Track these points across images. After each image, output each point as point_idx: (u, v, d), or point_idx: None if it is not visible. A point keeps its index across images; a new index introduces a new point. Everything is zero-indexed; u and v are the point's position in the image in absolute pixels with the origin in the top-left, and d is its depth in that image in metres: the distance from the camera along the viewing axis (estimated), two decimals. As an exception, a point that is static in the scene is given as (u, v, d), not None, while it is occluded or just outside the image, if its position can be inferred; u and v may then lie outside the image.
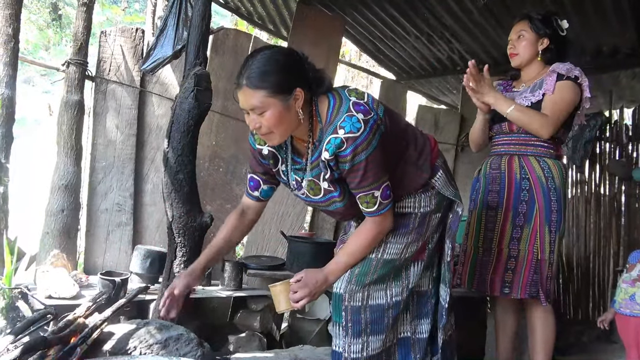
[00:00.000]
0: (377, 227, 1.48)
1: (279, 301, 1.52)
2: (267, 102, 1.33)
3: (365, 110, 1.36)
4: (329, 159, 1.36)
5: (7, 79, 2.56)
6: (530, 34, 2.12)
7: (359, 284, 1.51)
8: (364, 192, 1.41)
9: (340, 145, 1.34)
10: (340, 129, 1.33)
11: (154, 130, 3.20)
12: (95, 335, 1.83)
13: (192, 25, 2.24)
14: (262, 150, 1.51)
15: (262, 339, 2.57)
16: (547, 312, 2.12)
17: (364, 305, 1.51)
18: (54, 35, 10.22)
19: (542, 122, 2.01)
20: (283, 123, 1.36)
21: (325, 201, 1.49)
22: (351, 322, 1.51)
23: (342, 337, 1.51)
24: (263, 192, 1.61)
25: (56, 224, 2.73)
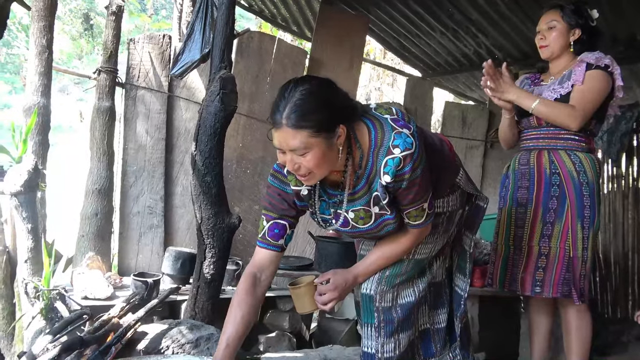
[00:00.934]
0: (418, 236, 1.46)
1: (303, 303, 1.46)
2: (309, 142, 1.22)
3: (406, 125, 1.30)
4: (390, 182, 1.29)
5: (42, 88, 2.65)
6: (562, 25, 2.05)
7: (389, 284, 1.50)
8: (415, 207, 1.37)
9: (399, 164, 1.26)
10: (395, 148, 1.26)
11: (182, 133, 3.25)
12: (129, 334, 1.88)
13: (216, 29, 2.27)
14: (301, 191, 1.39)
15: (291, 339, 2.59)
16: (582, 311, 2.05)
17: (394, 304, 1.51)
18: (86, 45, 10.54)
19: (570, 114, 1.95)
20: (325, 162, 1.26)
21: (376, 227, 1.41)
22: (384, 322, 1.50)
23: (375, 338, 1.50)
24: (288, 239, 1.46)
25: (91, 227, 2.82)
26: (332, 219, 1.44)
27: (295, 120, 1.22)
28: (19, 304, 2.58)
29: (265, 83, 3.47)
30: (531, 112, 2.00)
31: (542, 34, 2.10)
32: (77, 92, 9.56)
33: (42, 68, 2.64)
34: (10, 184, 2.36)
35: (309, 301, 1.45)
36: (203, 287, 2.19)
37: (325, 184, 1.41)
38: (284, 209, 1.43)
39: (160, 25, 8.90)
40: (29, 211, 2.40)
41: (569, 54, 2.08)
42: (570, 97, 1.99)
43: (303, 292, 1.46)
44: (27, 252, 2.42)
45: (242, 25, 7.88)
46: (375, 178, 1.32)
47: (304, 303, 1.46)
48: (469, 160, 4.05)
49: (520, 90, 2.03)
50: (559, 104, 1.98)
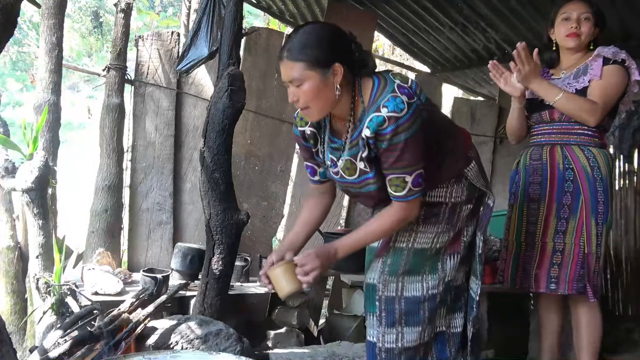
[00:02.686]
0: (401, 213, 1.44)
1: (284, 284, 1.39)
2: (305, 74, 1.34)
3: (410, 94, 1.35)
4: (369, 137, 1.36)
5: (53, 86, 2.67)
6: (592, 20, 2.01)
7: (392, 274, 1.51)
8: (395, 174, 1.39)
9: (382, 123, 1.33)
10: (384, 108, 1.33)
11: (190, 130, 3.27)
12: (139, 330, 1.90)
13: (224, 26, 2.28)
14: (305, 130, 1.52)
15: (299, 335, 2.59)
16: (593, 308, 2.03)
17: (399, 296, 1.51)
18: (95, 42, 10.61)
19: (591, 109, 1.92)
20: (320, 97, 1.37)
21: (359, 182, 1.47)
22: (385, 312, 1.51)
23: (376, 327, 1.52)
24: (322, 174, 1.59)
25: (100, 224, 2.84)
26: (331, 164, 1.51)
27: (293, 53, 1.35)
28: (30, 299, 2.61)
29: (273, 80, 3.47)
30: (552, 104, 1.96)
31: (576, 23, 2.01)
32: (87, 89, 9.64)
33: (52, 65, 2.67)
34: (21, 180, 2.38)
35: (291, 278, 1.39)
36: (212, 283, 2.21)
37: (331, 130, 1.50)
38: (303, 154, 1.61)
39: (169, 23, 8.93)
40: (40, 207, 2.43)
41: (584, 50, 2.05)
42: (587, 92, 1.96)
43: (282, 272, 1.39)
44: (38, 248, 2.44)
45: (250, 22, 7.89)
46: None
47: (285, 282, 1.39)
48: (478, 156, 4.02)
49: (544, 81, 1.99)
50: (581, 98, 1.95)
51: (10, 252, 2.77)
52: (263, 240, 3.42)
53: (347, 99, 1.40)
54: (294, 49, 1.35)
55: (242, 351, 1.94)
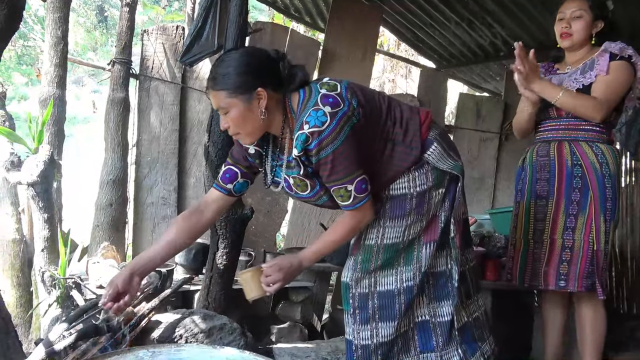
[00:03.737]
0: (352, 220, 1.45)
1: (250, 288, 1.48)
2: (228, 102, 1.37)
3: (334, 103, 1.34)
4: (299, 155, 1.36)
5: (58, 80, 2.68)
6: (589, 15, 1.99)
7: (363, 271, 1.50)
8: (336, 186, 1.38)
9: (306, 140, 1.32)
10: (306, 124, 1.32)
11: (195, 125, 3.27)
12: (143, 323, 1.91)
13: (229, 20, 2.27)
14: (249, 149, 1.52)
15: (303, 330, 2.60)
16: (597, 306, 2.02)
17: (372, 291, 1.50)
18: (100, 37, 10.62)
19: (594, 105, 1.91)
20: (247, 122, 1.39)
21: (313, 196, 1.47)
22: (358, 309, 1.50)
23: (351, 324, 1.52)
24: (237, 186, 1.55)
25: (105, 217, 2.85)
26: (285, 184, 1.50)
27: (216, 82, 1.38)
28: (35, 292, 2.63)
29: (278, 74, 3.46)
30: (554, 103, 1.95)
31: (567, 22, 2.02)
32: (92, 83, 9.66)
33: (57, 59, 2.67)
34: (27, 174, 2.39)
35: (256, 286, 1.47)
36: (216, 277, 2.21)
37: (280, 149, 1.49)
38: (238, 158, 1.55)
39: (173, 17, 8.92)
40: (45, 201, 2.44)
41: (588, 45, 2.03)
42: (592, 88, 1.95)
43: (250, 277, 1.48)
44: (43, 241, 2.45)
45: (254, 16, 7.86)
46: None
47: (251, 287, 1.48)
48: (483, 152, 4.00)
49: (544, 80, 1.97)
50: (583, 95, 1.94)
51: (16, 245, 2.79)
52: (267, 235, 3.43)
53: (279, 118, 1.42)
54: (216, 79, 1.38)
55: (245, 345, 1.95)
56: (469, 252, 1.63)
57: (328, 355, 2.13)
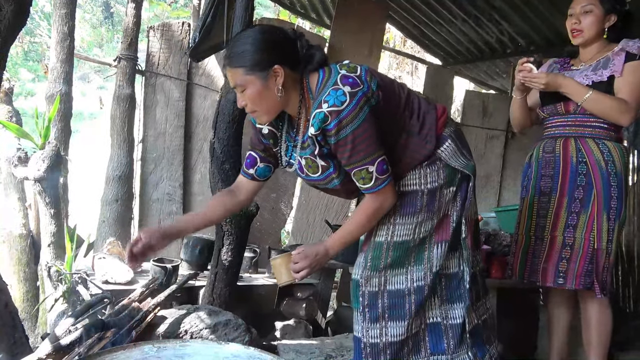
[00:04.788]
0: (375, 203, 1.43)
1: (280, 273, 1.51)
2: (245, 79, 1.36)
3: (353, 83, 1.33)
4: (316, 134, 1.34)
5: (64, 76, 2.69)
6: (599, 10, 1.95)
7: (373, 269, 1.49)
8: (357, 168, 1.37)
9: (325, 120, 1.31)
10: (325, 103, 1.31)
11: (201, 121, 3.27)
12: (148, 319, 1.91)
13: (235, 16, 2.27)
14: (262, 129, 1.51)
15: (307, 327, 2.60)
16: (603, 305, 2.01)
17: (382, 290, 1.49)
18: (106, 33, 10.65)
19: (622, 108, 1.87)
20: (263, 100, 1.38)
21: (323, 179, 1.46)
22: (368, 307, 1.49)
23: (361, 322, 1.51)
24: (259, 170, 1.57)
25: (111, 213, 2.87)
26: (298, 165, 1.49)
27: (232, 60, 1.38)
28: (42, 286, 2.65)
29: (284, 71, 3.46)
30: (581, 103, 1.92)
31: (577, 18, 1.98)
32: (97, 80, 9.69)
33: (64, 55, 2.68)
34: (33, 169, 2.40)
35: (286, 272, 1.50)
36: (221, 273, 2.22)
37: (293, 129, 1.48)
38: (255, 143, 1.57)
39: (179, 13, 8.93)
40: (52, 196, 2.45)
41: (602, 40, 2.00)
42: (615, 90, 1.91)
43: (279, 263, 1.51)
44: (50, 236, 2.47)
45: (260, 13, 7.86)
46: None
47: (281, 274, 1.51)
48: (489, 150, 3.99)
49: (571, 80, 1.94)
50: (611, 97, 1.89)
51: (23, 240, 2.81)
52: (272, 231, 3.43)
53: (296, 98, 1.41)
54: (233, 56, 1.37)
55: (250, 341, 1.95)
56: (478, 253, 1.62)
57: (332, 352, 2.14)
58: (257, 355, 1.41)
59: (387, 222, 1.49)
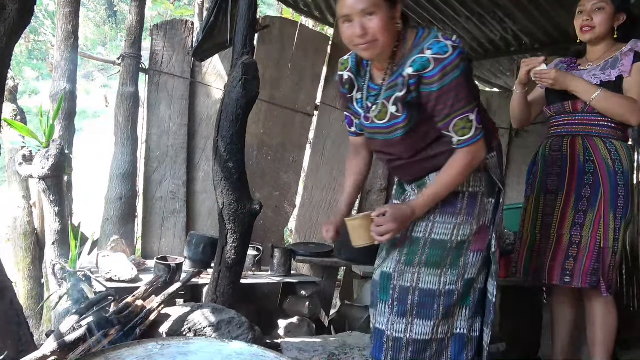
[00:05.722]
0: (468, 156, 1.44)
1: (358, 235, 1.47)
2: (377, 4, 1.36)
3: (454, 42, 1.38)
4: (412, 75, 1.38)
5: (68, 74, 2.69)
6: (611, 8, 1.94)
7: (407, 264, 1.51)
8: (459, 116, 1.39)
9: (427, 65, 1.35)
10: (428, 50, 1.36)
11: (204, 120, 3.27)
12: (152, 317, 1.92)
13: (239, 15, 2.26)
14: (343, 75, 1.57)
15: (311, 325, 2.60)
16: (608, 304, 2.01)
17: (414, 286, 1.50)
18: (110, 31, 10.67)
19: (633, 107, 1.87)
20: (387, 30, 1.39)
21: (388, 127, 1.48)
22: (397, 301, 1.50)
23: (387, 315, 1.51)
24: (358, 127, 1.65)
25: (115, 211, 2.87)
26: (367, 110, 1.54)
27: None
28: (46, 284, 2.66)
29: (287, 69, 3.46)
30: (589, 102, 1.92)
31: (588, 15, 1.97)
32: (101, 78, 9.71)
33: (68, 54, 2.68)
34: (38, 167, 2.41)
35: (365, 234, 1.46)
36: (224, 271, 2.22)
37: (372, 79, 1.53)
38: (342, 102, 1.68)
39: (183, 12, 8.93)
40: (56, 195, 2.46)
41: (610, 40, 1.99)
42: (624, 90, 1.90)
43: (358, 224, 1.47)
44: (54, 234, 2.48)
45: (263, 11, 7.85)
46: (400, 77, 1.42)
47: (360, 235, 1.47)
48: (493, 148, 3.97)
49: (579, 78, 1.94)
50: (620, 96, 1.89)
51: (27, 238, 2.82)
52: (275, 230, 3.44)
53: (392, 45, 1.44)
54: None
55: (254, 339, 1.95)
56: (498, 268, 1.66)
57: (336, 350, 2.14)
58: (260, 353, 1.41)
59: (427, 218, 1.51)
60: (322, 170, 3.55)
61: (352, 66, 1.56)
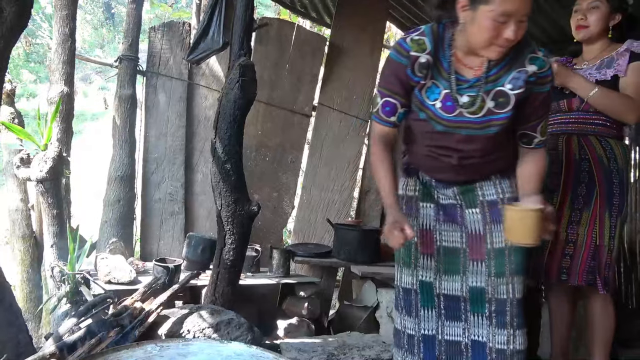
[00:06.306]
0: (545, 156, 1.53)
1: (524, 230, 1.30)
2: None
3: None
4: (534, 73, 1.39)
5: (66, 77, 2.70)
6: (605, 7, 1.95)
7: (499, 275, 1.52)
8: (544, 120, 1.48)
9: (543, 65, 1.39)
10: (539, 51, 1.40)
11: (202, 121, 3.28)
12: (151, 319, 1.92)
13: (236, 17, 2.27)
14: (420, 58, 1.41)
15: (310, 325, 2.61)
16: (606, 302, 2.01)
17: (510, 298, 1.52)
18: (107, 34, 10.67)
19: (629, 106, 1.87)
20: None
21: (481, 122, 1.42)
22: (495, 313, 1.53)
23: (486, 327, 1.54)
24: (400, 116, 1.49)
25: (113, 214, 2.87)
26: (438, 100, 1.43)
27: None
28: (45, 287, 2.66)
29: (285, 70, 3.46)
30: (587, 99, 1.93)
31: (583, 14, 1.98)
32: (99, 80, 9.71)
33: (65, 57, 2.68)
34: (36, 170, 2.41)
35: (533, 229, 1.30)
36: (223, 272, 2.22)
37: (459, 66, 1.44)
38: (391, 85, 1.47)
39: (180, 14, 8.94)
40: (54, 197, 2.46)
41: (605, 39, 1.99)
42: (620, 89, 1.91)
43: (528, 217, 1.29)
44: (52, 237, 2.48)
45: (260, 12, 7.86)
46: (508, 72, 1.40)
47: (527, 230, 1.30)
48: (491, 148, 3.98)
49: (579, 76, 1.95)
50: (618, 94, 1.90)
51: (26, 241, 2.82)
52: (273, 231, 3.44)
53: None
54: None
55: (253, 340, 1.96)
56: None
57: (335, 350, 2.14)
58: (259, 354, 1.41)
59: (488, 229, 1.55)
60: (321, 170, 3.55)
61: (431, 50, 1.42)
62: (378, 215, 3.75)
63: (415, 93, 1.45)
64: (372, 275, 2.80)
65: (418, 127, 1.52)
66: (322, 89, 3.62)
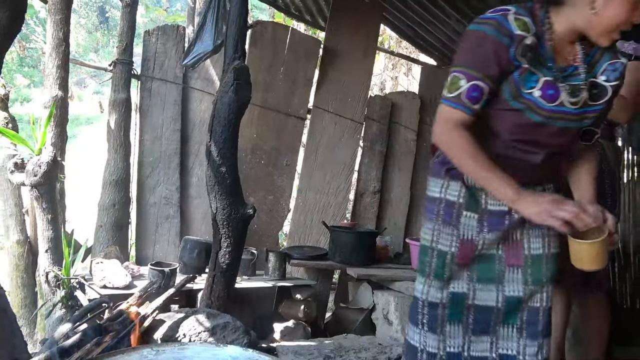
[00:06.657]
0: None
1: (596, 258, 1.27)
2: None
3: None
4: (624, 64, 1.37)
5: (60, 81, 2.69)
6: None
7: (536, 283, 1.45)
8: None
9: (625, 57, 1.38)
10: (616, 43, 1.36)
11: (197, 125, 3.28)
12: (147, 323, 1.92)
13: (230, 20, 2.27)
14: (526, 39, 1.25)
15: (306, 328, 2.61)
16: (601, 302, 2.03)
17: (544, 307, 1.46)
18: (102, 38, 10.65)
19: (622, 105, 1.88)
20: None
21: (578, 114, 1.31)
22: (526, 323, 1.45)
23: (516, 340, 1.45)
24: (483, 104, 1.29)
25: (108, 218, 2.87)
26: (535, 89, 1.27)
27: None
28: (40, 292, 2.65)
29: (279, 73, 3.47)
30: None
31: None
32: (94, 84, 9.68)
33: (59, 61, 2.68)
34: (30, 175, 2.40)
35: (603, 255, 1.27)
36: (219, 276, 2.22)
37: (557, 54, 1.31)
38: (486, 66, 1.26)
39: (175, 18, 8.94)
40: (49, 202, 2.45)
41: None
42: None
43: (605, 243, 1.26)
44: (47, 242, 2.47)
45: (255, 15, 7.87)
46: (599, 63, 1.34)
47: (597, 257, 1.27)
48: (485, 149, 4.00)
49: None
50: None
51: (20, 246, 2.81)
52: (269, 234, 3.44)
53: None
54: None
55: (249, 343, 1.96)
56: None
57: (331, 353, 2.14)
58: (255, 357, 1.41)
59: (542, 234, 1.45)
60: (316, 173, 3.56)
61: (536, 31, 1.26)
62: (373, 217, 3.76)
63: (513, 78, 1.27)
64: (368, 278, 2.80)
65: (506, 118, 1.32)
66: (316, 91, 3.63)
